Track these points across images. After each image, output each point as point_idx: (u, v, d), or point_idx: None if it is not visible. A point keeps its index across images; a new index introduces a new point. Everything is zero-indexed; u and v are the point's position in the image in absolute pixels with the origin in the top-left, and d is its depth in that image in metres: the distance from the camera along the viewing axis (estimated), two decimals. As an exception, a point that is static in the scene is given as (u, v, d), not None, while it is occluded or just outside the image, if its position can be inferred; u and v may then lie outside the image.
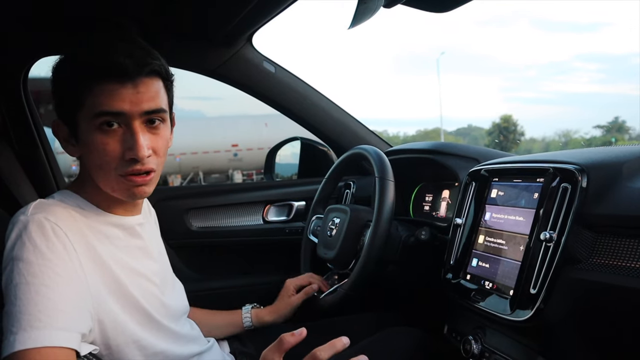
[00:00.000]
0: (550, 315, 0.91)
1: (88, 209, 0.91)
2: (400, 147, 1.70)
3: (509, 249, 1.03)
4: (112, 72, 0.81)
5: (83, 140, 0.86)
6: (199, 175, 17.14)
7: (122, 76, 0.82)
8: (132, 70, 0.82)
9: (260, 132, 16.05)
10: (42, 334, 0.73)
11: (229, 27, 1.45)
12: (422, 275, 1.37)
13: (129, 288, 0.90)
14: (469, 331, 1.13)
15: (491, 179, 1.15)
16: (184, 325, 1.08)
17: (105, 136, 0.84)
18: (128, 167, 0.86)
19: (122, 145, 0.85)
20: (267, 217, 1.82)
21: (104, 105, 0.82)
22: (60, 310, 0.76)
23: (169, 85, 0.92)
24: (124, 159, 0.85)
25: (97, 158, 0.85)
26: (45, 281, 0.76)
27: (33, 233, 0.79)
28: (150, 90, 0.85)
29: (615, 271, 0.83)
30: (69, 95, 0.85)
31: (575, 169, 0.92)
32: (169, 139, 0.96)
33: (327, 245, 1.34)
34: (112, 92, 0.82)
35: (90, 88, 0.82)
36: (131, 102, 0.83)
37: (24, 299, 0.74)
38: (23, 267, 0.76)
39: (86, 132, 0.85)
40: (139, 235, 0.98)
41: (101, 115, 0.83)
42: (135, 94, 0.83)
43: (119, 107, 0.82)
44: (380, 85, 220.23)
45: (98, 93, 0.82)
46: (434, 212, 1.55)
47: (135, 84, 0.83)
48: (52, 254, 0.78)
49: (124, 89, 0.82)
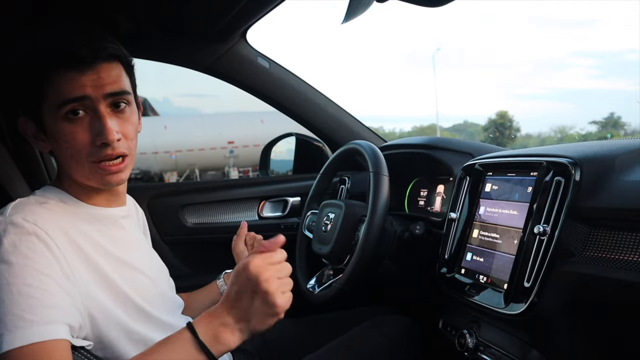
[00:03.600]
0: (544, 309, 0.91)
1: (70, 202, 0.90)
2: (395, 142, 1.70)
3: (503, 242, 1.04)
4: (69, 61, 0.81)
5: (51, 133, 0.85)
6: (195, 173, 17.12)
7: (80, 64, 0.81)
8: (89, 57, 0.82)
9: (256, 128, 16.04)
10: (29, 332, 0.72)
11: (223, 23, 1.44)
12: (417, 270, 1.37)
13: (117, 281, 0.89)
14: (464, 325, 1.14)
15: (485, 173, 1.16)
16: (178, 319, 1.08)
17: (73, 125, 0.83)
18: (100, 152, 0.85)
19: (91, 132, 0.84)
20: (262, 213, 1.82)
21: (66, 93, 0.81)
22: (44, 305, 0.75)
23: (130, 69, 0.92)
24: (95, 145, 0.84)
25: (67, 149, 0.85)
26: (27, 280, 0.75)
27: (12, 235, 0.78)
28: (111, 74, 0.85)
29: (609, 264, 0.84)
30: (30, 90, 0.84)
31: (569, 162, 0.93)
32: (138, 124, 0.95)
33: (322, 241, 1.34)
34: (72, 80, 0.81)
35: (50, 79, 0.81)
36: (93, 86, 0.82)
37: (6, 300, 0.74)
38: (4, 269, 0.75)
39: (53, 124, 0.84)
40: (123, 227, 0.98)
41: (65, 104, 0.82)
42: (96, 78, 0.83)
43: (82, 92, 0.82)
44: (377, 81, 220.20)
45: (58, 83, 0.81)
46: (429, 207, 1.55)
47: (95, 70, 0.83)
48: (33, 254, 0.77)
49: (84, 76, 0.82)
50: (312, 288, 1.36)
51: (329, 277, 1.36)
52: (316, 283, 1.38)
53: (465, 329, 1.12)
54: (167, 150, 16.31)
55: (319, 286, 1.35)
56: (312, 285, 1.38)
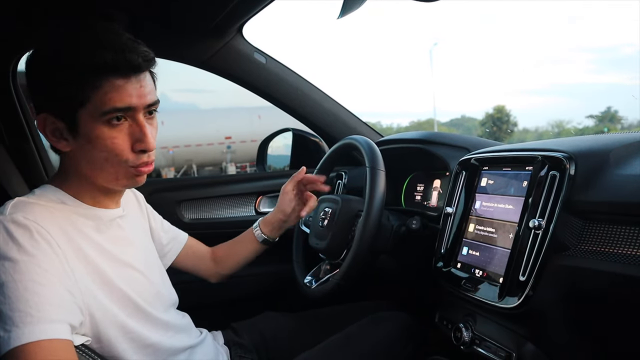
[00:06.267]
0: (539, 302, 0.92)
1: (69, 202, 0.91)
2: (392, 137, 1.71)
3: (499, 237, 1.04)
4: (120, 68, 0.82)
5: (85, 135, 0.85)
6: (193, 168, 17.10)
7: (130, 72, 0.83)
8: (141, 65, 0.84)
9: (253, 124, 16.02)
10: (36, 328, 0.73)
11: (219, 18, 1.44)
12: (414, 265, 1.38)
13: (115, 281, 0.90)
14: (460, 319, 1.14)
15: (481, 167, 1.16)
16: (174, 315, 1.09)
17: (113, 130, 0.85)
18: (138, 159, 0.88)
19: (130, 138, 0.87)
20: (260, 208, 1.82)
21: (114, 101, 0.83)
22: (51, 303, 0.76)
23: (155, 76, 0.94)
24: (134, 152, 0.88)
25: (103, 152, 0.86)
26: (32, 277, 0.76)
27: (15, 233, 0.78)
28: (149, 83, 0.88)
29: (603, 257, 0.84)
30: (69, 91, 0.83)
31: (563, 156, 0.93)
32: None
33: (318, 236, 1.34)
34: (120, 87, 0.83)
35: (97, 85, 0.82)
36: (137, 96, 0.85)
37: (12, 297, 0.74)
38: (9, 266, 0.75)
39: (90, 127, 0.84)
40: (120, 227, 0.99)
41: (111, 112, 0.83)
42: (139, 87, 0.85)
43: (128, 102, 0.84)
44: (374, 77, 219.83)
45: (107, 90, 0.82)
46: (426, 201, 1.56)
47: (138, 79, 0.85)
48: (37, 251, 0.78)
49: (130, 84, 0.84)
50: (309, 283, 1.37)
51: (326, 272, 1.37)
52: (313, 278, 1.38)
53: (461, 322, 1.13)
54: (165, 145, 16.29)
55: (316, 281, 1.36)
56: (309, 280, 1.38)
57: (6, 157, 1.56)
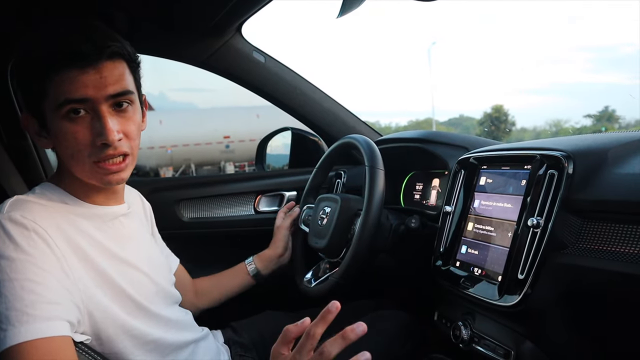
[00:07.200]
0: (537, 300, 0.92)
1: (69, 201, 0.90)
2: (391, 136, 1.71)
3: (498, 235, 1.05)
4: (71, 59, 0.80)
5: (52, 130, 0.85)
6: (191, 168, 17.09)
7: (83, 62, 0.80)
8: (92, 55, 0.81)
9: (252, 123, 16.00)
10: (32, 327, 0.73)
11: (218, 17, 1.44)
12: (413, 263, 1.38)
13: (115, 278, 0.90)
14: (459, 317, 1.15)
15: (480, 166, 1.16)
16: (177, 312, 1.08)
17: (74, 124, 0.83)
18: (101, 153, 0.85)
19: (92, 132, 0.84)
20: (259, 207, 1.82)
21: (67, 93, 0.81)
22: (47, 302, 0.76)
23: (135, 67, 0.90)
24: (95, 145, 0.84)
25: (68, 147, 0.85)
26: (29, 276, 0.76)
27: (12, 231, 0.78)
28: (113, 73, 0.84)
29: (601, 256, 0.85)
30: (33, 87, 0.83)
31: (562, 155, 0.94)
32: (142, 122, 0.94)
33: (318, 235, 1.34)
34: (74, 79, 0.80)
35: (52, 77, 0.80)
36: (95, 87, 0.82)
37: (9, 295, 0.74)
38: (5, 265, 0.75)
39: (54, 122, 0.84)
40: (122, 225, 0.98)
41: (66, 104, 0.81)
42: (99, 78, 0.82)
43: (83, 94, 0.81)
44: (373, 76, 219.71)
45: (60, 82, 0.80)
46: (425, 200, 1.56)
47: (97, 69, 0.82)
48: (34, 250, 0.78)
49: (86, 75, 0.81)
50: (309, 282, 1.37)
51: (325, 270, 1.37)
52: (312, 277, 1.39)
53: (460, 321, 1.13)
54: (163, 145, 16.29)
55: (315, 280, 1.36)
56: (308, 279, 1.39)
57: (5, 156, 1.56)
